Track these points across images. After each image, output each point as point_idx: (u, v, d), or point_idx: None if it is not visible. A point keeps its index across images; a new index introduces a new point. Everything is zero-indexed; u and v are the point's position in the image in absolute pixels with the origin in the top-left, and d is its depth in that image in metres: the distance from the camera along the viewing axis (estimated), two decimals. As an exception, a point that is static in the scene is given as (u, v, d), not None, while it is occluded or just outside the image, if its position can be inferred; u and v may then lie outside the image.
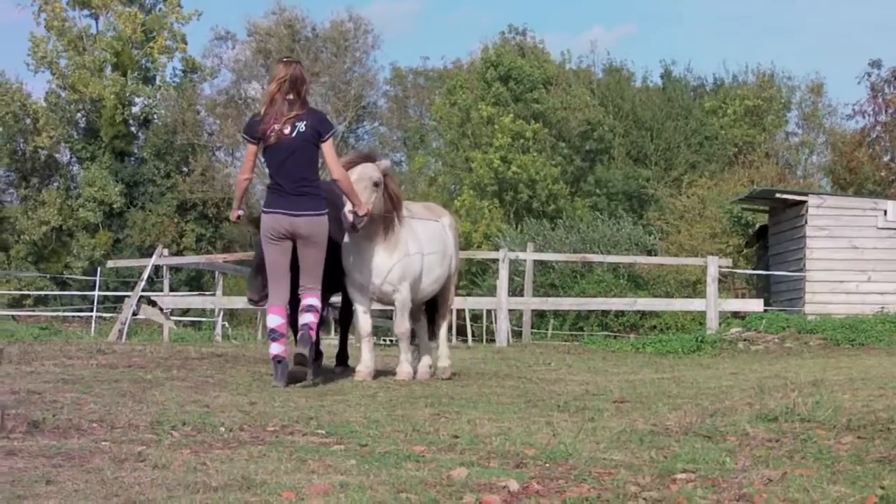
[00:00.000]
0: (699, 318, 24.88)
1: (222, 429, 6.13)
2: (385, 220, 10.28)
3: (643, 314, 30.99)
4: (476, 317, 33.46)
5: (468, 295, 39.68)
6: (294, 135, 9.69)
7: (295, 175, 9.70)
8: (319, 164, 10.14)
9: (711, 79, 56.84)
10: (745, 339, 19.31)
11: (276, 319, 9.73)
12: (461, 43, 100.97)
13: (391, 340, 29.96)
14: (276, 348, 9.64)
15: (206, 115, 56.76)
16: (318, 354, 10.96)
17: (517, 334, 25.93)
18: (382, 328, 34.24)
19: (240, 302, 26.80)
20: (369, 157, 10.45)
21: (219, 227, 54.51)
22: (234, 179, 55.85)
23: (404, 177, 59.33)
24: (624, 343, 20.58)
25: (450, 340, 30.59)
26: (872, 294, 23.69)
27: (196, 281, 47.41)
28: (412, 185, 56.47)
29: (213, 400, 7.84)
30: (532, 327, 27.34)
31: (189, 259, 33.58)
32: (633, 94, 53.81)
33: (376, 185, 10.13)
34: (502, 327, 21.41)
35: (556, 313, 33.46)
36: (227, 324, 25.86)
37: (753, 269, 29.66)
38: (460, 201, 49.49)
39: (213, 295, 25.81)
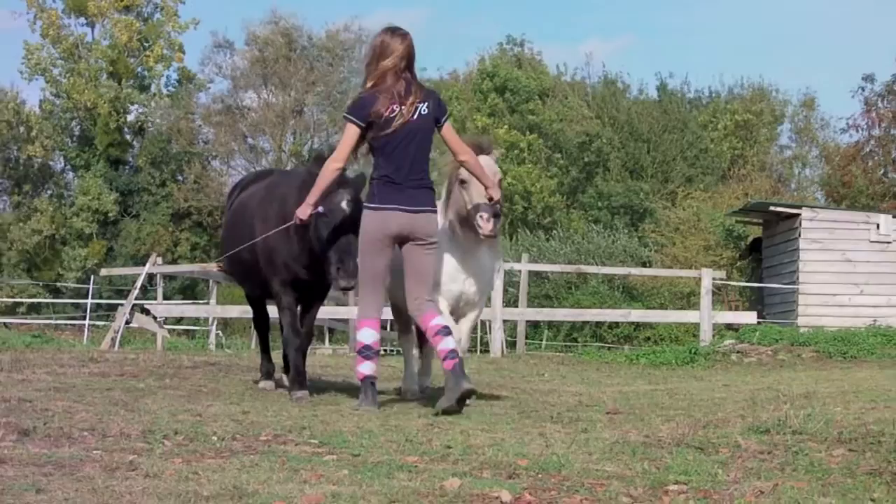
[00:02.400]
0: (693, 329, 24.91)
1: (214, 438, 6.12)
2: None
3: (637, 326, 31.02)
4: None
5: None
6: (416, 118, 8.39)
7: (415, 164, 8.38)
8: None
9: (707, 92, 56.94)
10: (738, 352, 19.32)
11: (371, 334, 8.51)
12: (460, 54, 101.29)
13: (387, 350, 29.98)
14: (367, 367, 8.47)
15: (202, 123, 56.75)
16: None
17: (511, 345, 25.95)
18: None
19: (234, 310, 26.84)
20: (483, 149, 9.14)
21: (213, 235, 54.46)
22: (229, 188, 55.95)
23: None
24: (618, 354, 20.59)
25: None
26: (865, 307, 23.72)
27: (190, 289, 47.38)
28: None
29: (206, 409, 7.82)
30: (526, 338, 27.35)
31: (183, 267, 33.57)
32: (628, 107, 53.89)
33: (500, 181, 9.02)
34: (496, 338, 21.41)
35: (550, 324, 33.50)
36: (220, 332, 25.89)
37: (747, 281, 29.69)
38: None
39: (207, 303, 25.81)
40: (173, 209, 52.81)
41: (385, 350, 29.62)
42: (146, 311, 22.23)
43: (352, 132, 8.43)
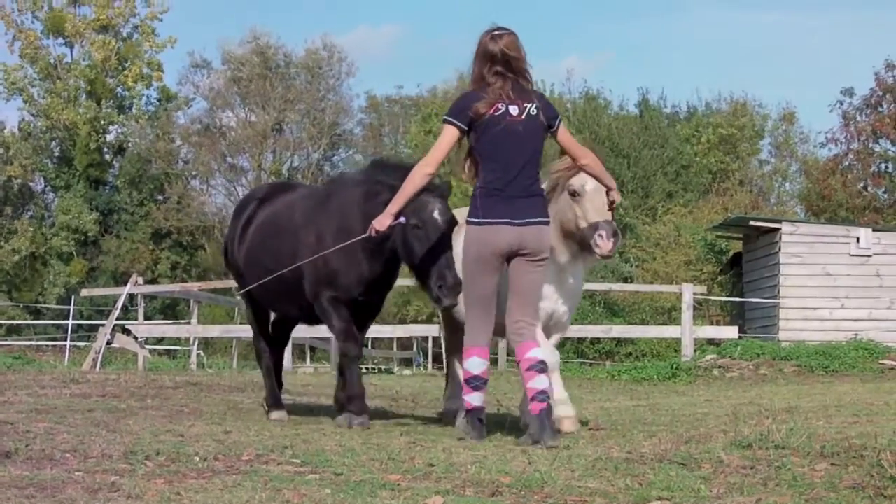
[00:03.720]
0: (674, 345, 24.96)
1: (197, 458, 6.10)
2: None
3: (619, 341, 31.05)
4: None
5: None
6: (524, 118, 7.53)
7: (524, 171, 7.51)
8: None
9: (685, 106, 57.07)
10: (719, 366, 19.36)
11: (480, 364, 7.66)
12: (438, 71, 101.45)
13: (370, 368, 29.95)
14: (476, 399, 7.65)
15: (181, 143, 56.70)
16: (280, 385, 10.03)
17: (493, 362, 25.92)
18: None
19: (215, 330, 26.80)
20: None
21: (194, 255, 54.38)
22: (209, 207, 55.88)
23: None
24: (599, 370, 20.63)
25: (425, 368, 30.40)
26: (846, 321, 23.79)
27: (171, 309, 47.24)
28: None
29: (188, 429, 7.80)
30: (508, 355, 27.33)
31: (164, 287, 33.50)
32: (609, 122, 53.97)
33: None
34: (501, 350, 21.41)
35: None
36: (202, 352, 25.80)
37: (728, 296, 29.75)
38: (436, 229, 49.42)
39: (188, 323, 25.73)
40: (153, 228, 52.70)
41: (365, 368, 29.60)
42: (127, 332, 22.18)
43: (450, 135, 7.61)
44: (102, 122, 54.19)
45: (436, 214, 8.11)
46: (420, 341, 34.72)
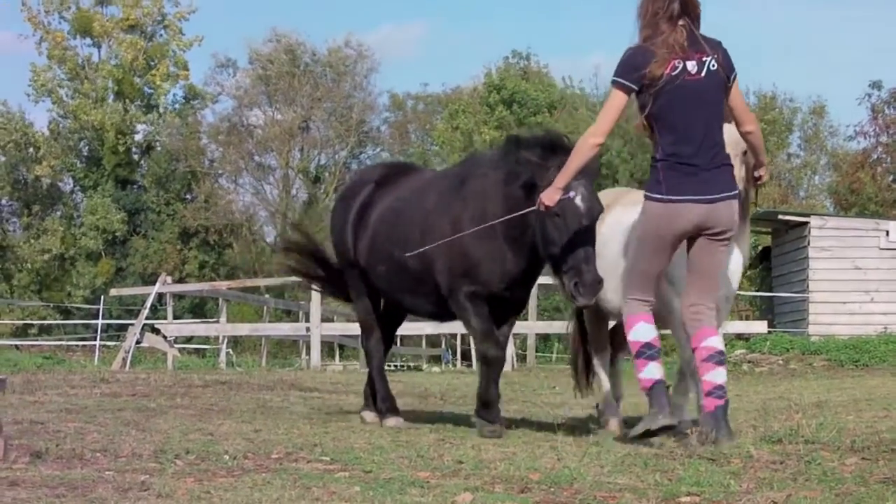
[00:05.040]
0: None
1: (226, 457, 6.12)
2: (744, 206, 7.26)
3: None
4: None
5: (472, 319, 39.23)
6: (704, 75, 6.68)
7: (709, 139, 6.68)
8: None
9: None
10: (749, 361, 19.32)
11: (648, 329, 6.89)
12: (464, 69, 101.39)
13: (398, 365, 29.99)
14: (654, 370, 6.85)
15: (209, 142, 56.84)
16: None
17: (522, 358, 25.91)
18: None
19: (244, 328, 26.86)
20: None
21: (222, 253, 54.51)
22: (236, 206, 55.98)
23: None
24: (629, 365, 20.55)
25: (454, 365, 30.23)
26: (876, 315, 23.68)
27: (199, 308, 47.36)
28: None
29: (217, 428, 7.83)
30: (536, 351, 27.30)
31: (192, 286, 33.59)
32: (633, 117, 53.77)
33: (745, 153, 7.24)
34: (507, 351, 21.37)
35: (560, 337, 33.38)
36: (230, 351, 25.88)
37: (757, 290, 29.63)
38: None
39: (217, 322, 25.82)
40: (181, 227, 52.86)
41: (394, 366, 29.62)
42: (156, 331, 22.26)
43: (619, 100, 6.82)
44: (130, 122, 54.40)
45: (578, 201, 7.27)
46: (449, 338, 34.67)
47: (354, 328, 26.52)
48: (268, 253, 55.17)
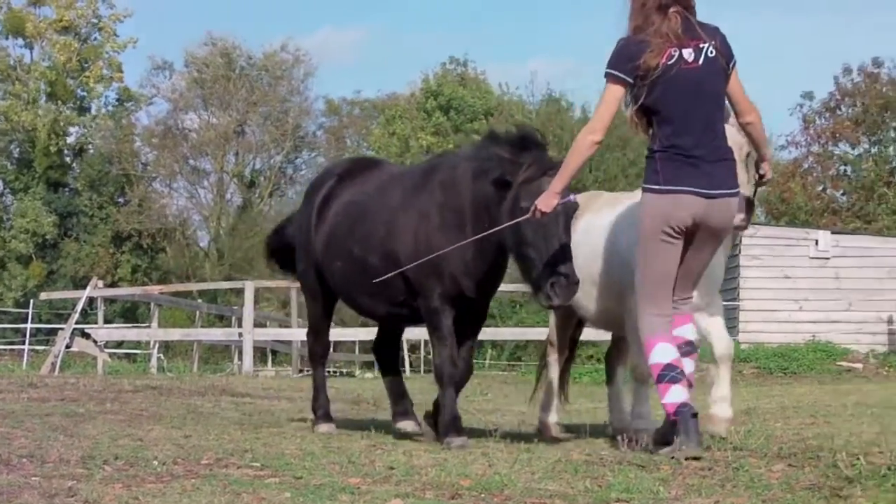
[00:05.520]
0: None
1: (155, 462, 6.08)
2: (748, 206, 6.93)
3: (581, 344, 31.12)
4: (414, 347, 33.46)
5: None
6: (702, 63, 6.37)
7: (709, 130, 6.40)
8: None
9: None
10: (680, 368, 19.45)
11: (670, 351, 6.46)
12: (401, 74, 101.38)
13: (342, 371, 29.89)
14: (678, 394, 6.38)
15: (143, 145, 56.44)
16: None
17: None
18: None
19: (175, 333, 26.67)
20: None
21: (155, 258, 54.10)
22: (170, 210, 55.58)
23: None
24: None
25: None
26: (804, 323, 23.96)
27: (131, 312, 47.00)
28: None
29: (147, 433, 7.77)
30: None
31: (124, 290, 33.30)
32: (572, 125, 54.09)
33: (748, 156, 6.93)
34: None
35: (494, 343, 33.51)
36: (162, 356, 25.68)
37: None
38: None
39: (149, 327, 25.62)
40: (113, 231, 52.40)
41: (328, 371, 29.52)
42: (87, 335, 22.04)
43: (615, 93, 6.44)
44: (62, 124, 53.85)
45: None
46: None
47: (287, 334, 26.52)
48: (201, 257, 54.86)
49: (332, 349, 33.25)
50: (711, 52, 6.38)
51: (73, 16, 54.33)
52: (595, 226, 7.59)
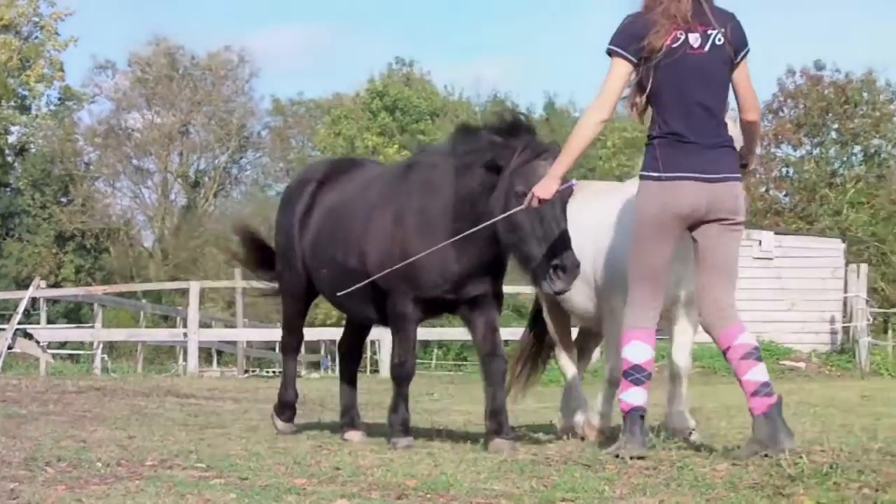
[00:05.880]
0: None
1: (99, 464, 6.03)
2: None
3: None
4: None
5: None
6: (708, 50, 6.16)
7: (711, 117, 6.19)
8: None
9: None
10: (625, 368, 19.53)
11: (644, 351, 6.33)
12: (347, 75, 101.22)
13: (275, 372, 29.75)
14: (637, 396, 6.28)
15: (85, 144, 55.99)
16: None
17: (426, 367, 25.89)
18: (266, 359, 34.04)
19: (119, 334, 26.46)
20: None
21: (98, 258, 53.69)
22: (114, 210, 55.18)
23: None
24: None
25: (333, 371, 30.07)
26: (747, 323, 23.91)
27: (75, 313, 46.59)
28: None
29: (90, 435, 7.71)
30: (416, 357, 27.31)
31: (67, 291, 33.01)
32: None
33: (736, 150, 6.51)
34: (386, 358, 21.37)
35: (440, 343, 33.50)
36: (106, 356, 25.48)
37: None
38: (344, 232, 49.25)
39: (92, 327, 25.42)
40: (56, 231, 51.96)
41: (272, 372, 29.42)
42: (29, 336, 21.83)
43: (621, 69, 6.17)
44: (3, 123, 53.32)
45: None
46: (328, 344, 34.56)
47: (232, 334, 26.40)
48: (145, 257, 54.51)
49: (276, 349, 32.93)
50: (719, 40, 6.16)
51: (14, 14, 53.77)
52: (579, 220, 7.17)
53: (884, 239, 43.08)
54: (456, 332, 27.64)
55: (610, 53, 6.20)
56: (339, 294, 7.60)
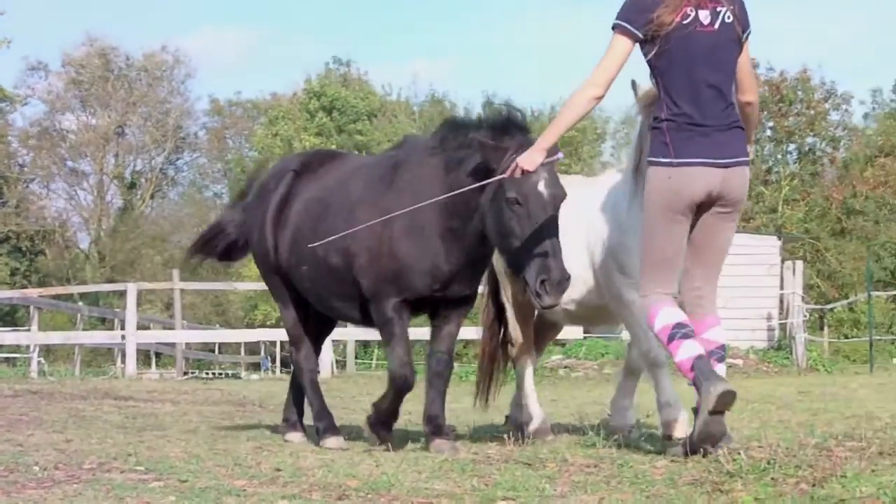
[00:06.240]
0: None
1: (36, 468, 5.96)
2: None
3: (466, 343, 31.23)
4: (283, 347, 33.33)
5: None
6: (718, 27, 5.94)
7: (721, 97, 5.96)
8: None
9: (529, 111, 57.70)
10: (565, 366, 19.63)
11: (675, 312, 5.98)
12: (284, 74, 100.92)
13: (215, 373, 29.61)
14: (694, 346, 5.89)
15: (19, 146, 55.39)
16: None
17: (341, 365, 25.86)
18: (205, 361, 33.86)
19: (56, 337, 26.20)
20: None
21: (34, 260, 53.13)
22: (49, 212, 54.62)
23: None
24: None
25: (273, 372, 29.97)
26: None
27: (10, 316, 46.09)
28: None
29: (27, 438, 7.63)
30: (357, 358, 27.30)
31: (2, 294, 32.63)
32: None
33: None
34: (325, 358, 21.32)
35: (381, 344, 33.40)
36: (42, 360, 25.20)
37: (572, 296, 30.08)
38: (283, 232, 49.11)
39: (28, 330, 25.15)
40: (-11, 234, 51.41)
41: (212, 373, 29.27)
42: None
43: (622, 46, 5.94)
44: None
45: (541, 186, 6.44)
46: (268, 345, 34.46)
47: (171, 336, 26.25)
48: (81, 259, 54.03)
49: (216, 351, 32.67)
50: (728, 18, 5.94)
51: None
52: (567, 215, 6.79)
53: (818, 236, 43.61)
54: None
55: (615, 28, 5.96)
56: (310, 246, 7.21)
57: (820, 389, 13.61)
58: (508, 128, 6.63)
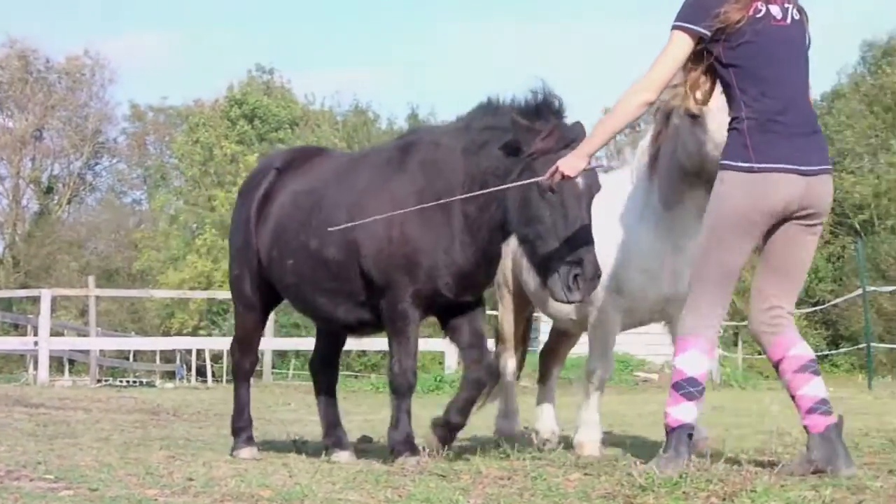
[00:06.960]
0: (439, 357, 25.21)
1: (-58, 476, 5.87)
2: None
3: (384, 354, 31.24)
4: (217, 357, 33.16)
5: (209, 335, 39.13)
6: (790, 22, 5.58)
7: (800, 96, 5.54)
8: None
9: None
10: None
11: (700, 362, 5.64)
12: (207, 81, 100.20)
13: (143, 381, 29.32)
14: (687, 412, 5.64)
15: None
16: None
17: (258, 374, 25.69)
18: (120, 369, 33.51)
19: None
20: None
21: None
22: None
23: (144, 215, 58.34)
24: (364, 383, 20.72)
25: (188, 381, 29.82)
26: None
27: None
28: (153, 224, 55.48)
29: (-66, 445, 7.50)
30: (273, 367, 27.18)
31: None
32: (379, 135, 54.34)
33: None
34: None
35: (298, 353, 33.32)
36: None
37: (491, 308, 30.19)
38: (202, 240, 48.88)
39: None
40: None
41: (126, 381, 29.00)
42: None
43: (683, 47, 5.54)
44: None
45: (577, 177, 5.99)
46: (183, 354, 34.21)
47: (85, 343, 25.91)
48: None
49: (131, 359, 32.41)
50: (796, 14, 5.61)
51: None
52: None
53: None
54: (312, 342, 27.57)
55: (675, 29, 5.57)
56: (330, 230, 6.71)
57: (733, 405, 13.75)
58: (543, 110, 6.27)
